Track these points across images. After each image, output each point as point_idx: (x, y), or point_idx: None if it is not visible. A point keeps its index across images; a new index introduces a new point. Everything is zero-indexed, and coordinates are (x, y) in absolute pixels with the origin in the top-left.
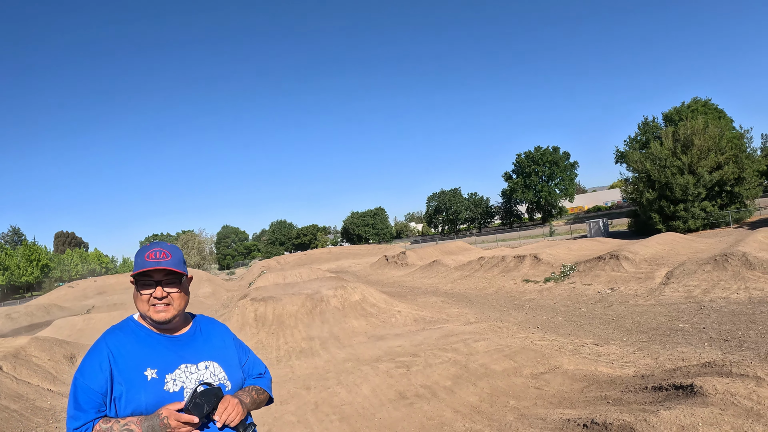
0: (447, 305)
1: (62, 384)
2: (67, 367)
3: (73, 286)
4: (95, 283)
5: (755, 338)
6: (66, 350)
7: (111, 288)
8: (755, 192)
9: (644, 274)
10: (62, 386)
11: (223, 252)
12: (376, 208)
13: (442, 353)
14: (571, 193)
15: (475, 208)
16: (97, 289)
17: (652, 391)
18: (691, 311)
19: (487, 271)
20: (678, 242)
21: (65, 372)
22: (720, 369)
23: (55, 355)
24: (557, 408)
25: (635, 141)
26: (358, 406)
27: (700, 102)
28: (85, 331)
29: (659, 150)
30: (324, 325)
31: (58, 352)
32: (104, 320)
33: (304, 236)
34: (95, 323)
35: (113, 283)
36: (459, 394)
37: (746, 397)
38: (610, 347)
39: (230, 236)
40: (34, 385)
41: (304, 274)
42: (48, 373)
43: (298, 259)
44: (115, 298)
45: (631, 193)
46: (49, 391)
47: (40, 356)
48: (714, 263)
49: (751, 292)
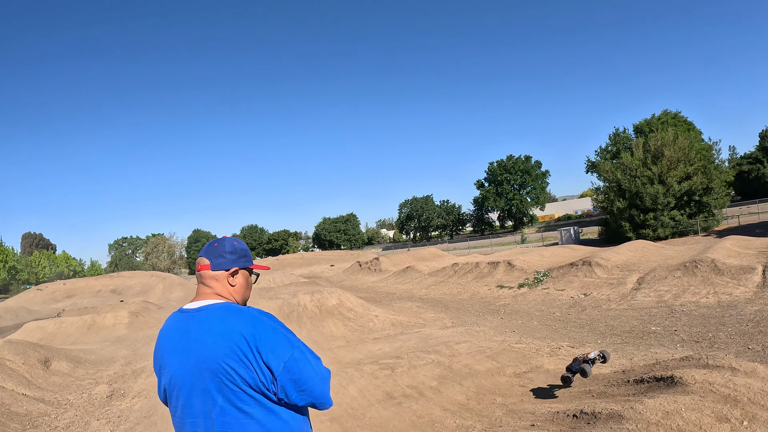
0: (423, 310)
1: (37, 389)
2: (42, 371)
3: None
4: (64, 287)
5: (725, 339)
6: (40, 354)
7: (80, 291)
8: (723, 202)
9: (616, 279)
10: (37, 391)
11: (194, 256)
12: (347, 214)
13: (425, 355)
14: (542, 202)
15: (447, 215)
16: (66, 292)
17: (635, 383)
18: (662, 315)
19: (462, 277)
20: (648, 249)
21: (40, 376)
22: (697, 362)
23: (30, 359)
24: (544, 402)
25: (606, 151)
26: (347, 407)
27: (670, 114)
28: (57, 335)
29: (630, 160)
30: (302, 330)
31: (32, 356)
32: (76, 324)
33: (276, 241)
34: (66, 327)
35: (82, 287)
36: (446, 393)
37: (723, 385)
38: (585, 349)
39: (201, 240)
40: (8, 389)
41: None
42: (23, 378)
43: (270, 264)
44: (84, 302)
45: (602, 201)
46: (24, 395)
47: (14, 360)
48: (684, 269)
49: (720, 296)
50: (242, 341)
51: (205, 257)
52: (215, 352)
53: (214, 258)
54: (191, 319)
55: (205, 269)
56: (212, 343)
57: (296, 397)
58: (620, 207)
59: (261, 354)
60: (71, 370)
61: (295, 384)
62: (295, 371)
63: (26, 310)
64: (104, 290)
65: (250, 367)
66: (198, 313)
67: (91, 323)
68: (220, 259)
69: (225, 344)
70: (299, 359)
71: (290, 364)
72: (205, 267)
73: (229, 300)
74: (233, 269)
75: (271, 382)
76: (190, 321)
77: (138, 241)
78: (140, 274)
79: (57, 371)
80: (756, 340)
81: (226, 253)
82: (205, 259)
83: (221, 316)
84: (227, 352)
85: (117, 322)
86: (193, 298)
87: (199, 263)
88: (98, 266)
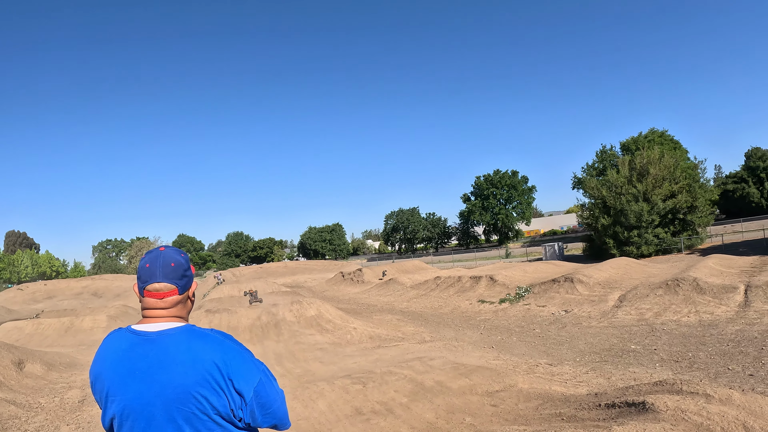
0: (403, 323)
1: (9, 390)
2: (15, 372)
3: (23, 289)
4: (45, 287)
5: (705, 359)
6: (14, 355)
7: (61, 292)
8: (707, 220)
9: (598, 297)
10: (9, 392)
11: None
12: (333, 224)
13: (399, 370)
14: (528, 217)
15: (433, 228)
16: (47, 293)
17: (606, 408)
18: (642, 333)
19: (443, 291)
20: (631, 267)
21: (13, 378)
22: (671, 387)
23: (3, 360)
24: (513, 425)
25: (593, 168)
26: (314, 421)
27: (656, 133)
28: (34, 337)
29: (616, 177)
30: (279, 339)
31: (6, 357)
32: (54, 326)
33: (261, 249)
34: (44, 329)
35: (63, 288)
36: (415, 410)
37: (696, 413)
38: (563, 367)
39: (186, 245)
40: None
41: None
42: None
43: (254, 272)
44: (65, 304)
45: (587, 218)
46: None
47: None
48: (666, 287)
49: (702, 315)
50: (214, 369)
51: (168, 282)
52: (185, 380)
53: (178, 280)
54: (150, 343)
55: (172, 295)
56: (182, 372)
57: (261, 420)
58: (605, 224)
59: (233, 381)
60: (45, 373)
61: (262, 407)
62: (262, 395)
63: (5, 310)
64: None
65: (222, 395)
66: (159, 337)
67: (69, 326)
68: (184, 279)
69: (196, 373)
70: (265, 383)
71: (258, 389)
72: (171, 293)
73: (185, 319)
74: (194, 287)
75: (240, 407)
76: (148, 345)
77: (122, 244)
78: (122, 278)
79: (30, 373)
80: (736, 360)
81: (187, 271)
82: (169, 285)
83: (187, 341)
84: (199, 381)
85: (95, 325)
86: (145, 319)
87: (161, 290)
88: (81, 268)
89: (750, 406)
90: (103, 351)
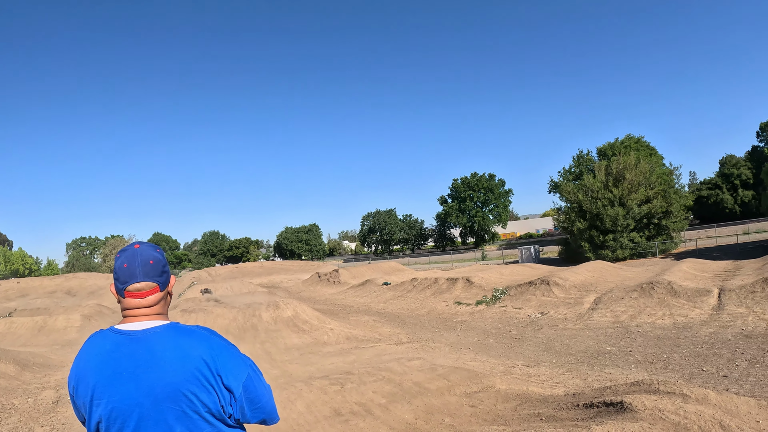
0: (379, 324)
1: None
2: None
3: None
4: (18, 285)
5: (680, 361)
6: None
7: (34, 290)
8: (681, 225)
9: (574, 299)
10: None
11: None
12: (310, 224)
13: (377, 371)
14: (504, 220)
15: (410, 229)
16: (20, 291)
17: (584, 408)
18: (618, 335)
19: (420, 293)
20: (607, 270)
21: None
22: (648, 387)
23: None
24: (492, 425)
25: (569, 172)
26: (293, 422)
27: (633, 139)
28: (6, 336)
29: (592, 182)
30: (256, 340)
31: None
32: (27, 325)
33: (237, 249)
34: (17, 328)
35: (36, 286)
36: (394, 411)
37: (674, 413)
38: (540, 368)
39: (161, 244)
40: None
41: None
42: None
43: (229, 272)
44: (38, 302)
45: (563, 222)
46: None
47: None
48: (641, 290)
49: (676, 318)
50: (203, 365)
51: (149, 280)
52: (175, 378)
53: (158, 277)
54: (136, 342)
55: (154, 293)
56: (171, 370)
57: (251, 415)
58: (581, 228)
59: (222, 377)
60: (18, 373)
61: (251, 403)
62: (251, 390)
63: None
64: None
65: (212, 392)
66: (145, 335)
67: (43, 325)
68: (164, 276)
69: (186, 370)
70: (254, 378)
71: (247, 384)
72: (153, 291)
73: (166, 315)
74: (173, 281)
75: (229, 404)
76: (135, 344)
77: (96, 242)
78: (96, 276)
79: (3, 374)
80: (710, 362)
81: (165, 266)
82: (150, 283)
83: (174, 338)
84: (189, 378)
85: (69, 324)
86: (127, 318)
87: (143, 289)
88: (55, 266)
89: (726, 406)
90: (85, 353)
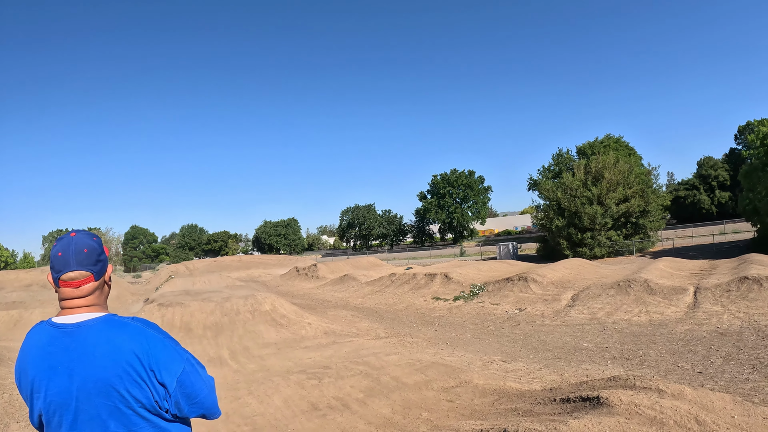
0: (357, 319)
1: None
2: None
3: None
4: None
5: (655, 357)
6: None
7: (9, 284)
8: (658, 224)
9: (551, 296)
10: None
11: (131, 254)
12: (289, 218)
13: (354, 366)
14: (483, 216)
15: (389, 225)
16: None
17: (561, 403)
18: (594, 332)
19: (398, 288)
20: (584, 267)
21: None
22: (624, 382)
23: None
24: (469, 419)
25: (548, 170)
26: (270, 417)
27: (612, 138)
28: None
29: (571, 180)
30: (233, 334)
31: None
32: (3, 319)
33: (215, 242)
34: None
35: (12, 279)
36: (371, 406)
37: (650, 408)
38: (517, 364)
39: (139, 237)
40: None
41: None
42: None
43: (207, 266)
44: (13, 296)
45: (542, 219)
46: None
47: None
48: (617, 288)
49: (652, 315)
50: (135, 360)
51: (82, 269)
52: (106, 373)
53: (92, 266)
54: (69, 336)
55: (88, 282)
56: (101, 365)
57: (188, 410)
58: (559, 225)
59: (155, 372)
60: None
61: (187, 398)
62: (187, 385)
63: None
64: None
65: (144, 387)
66: (78, 329)
67: (18, 319)
68: (98, 264)
69: (117, 365)
70: (190, 372)
71: (182, 378)
72: (87, 280)
73: (103, 306)
74: (110, 270)
75: (164, 398)
76: (68, 338)
77: None
78: None
79: None
80: (686, 358)
81: (101, 255)
82: (84, 272)
83: (107, 332)
84: (120, 374)
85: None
86: (64, 311)
87: (76, 279)
88: (31, 258)
89: (701, 401)
90: (26, 346)
